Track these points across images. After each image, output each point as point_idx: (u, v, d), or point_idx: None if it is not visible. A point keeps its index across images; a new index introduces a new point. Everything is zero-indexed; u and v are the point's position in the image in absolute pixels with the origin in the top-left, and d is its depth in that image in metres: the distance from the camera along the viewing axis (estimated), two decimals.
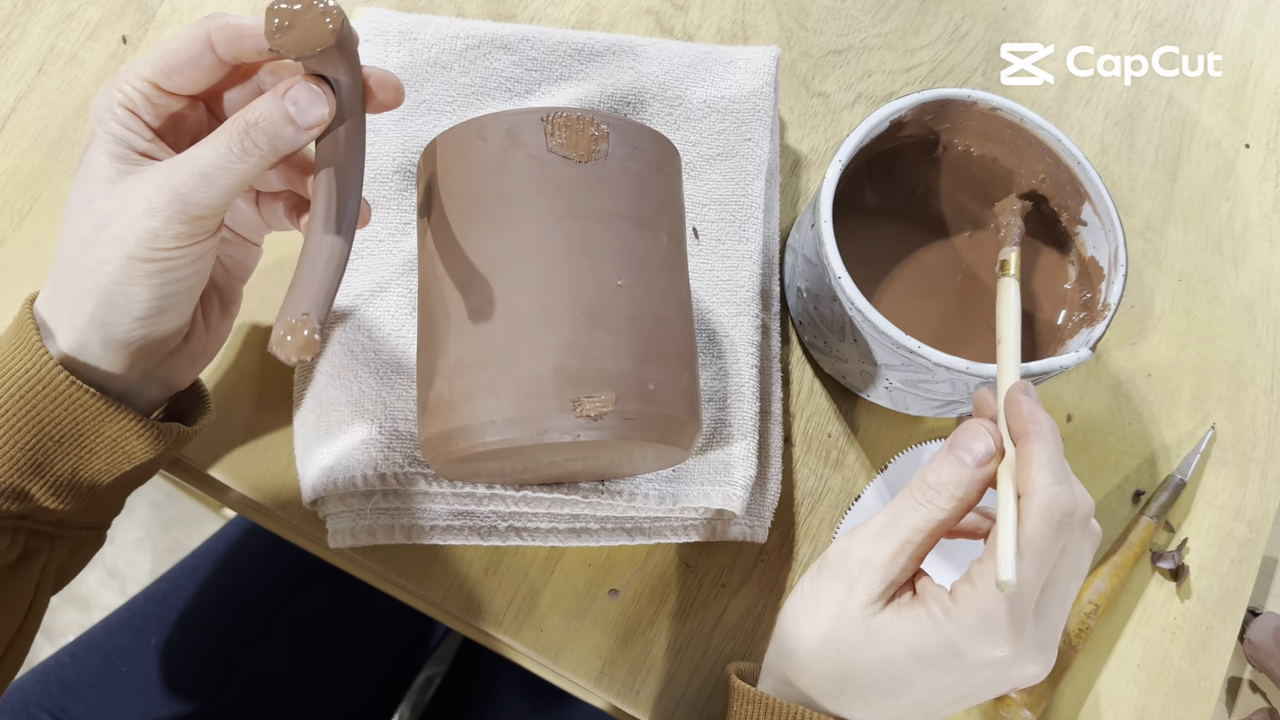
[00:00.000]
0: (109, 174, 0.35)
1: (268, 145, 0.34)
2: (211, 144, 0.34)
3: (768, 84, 0.53)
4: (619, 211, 0.37)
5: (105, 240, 0.34)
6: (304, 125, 0.34)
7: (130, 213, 0.34)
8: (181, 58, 0.36)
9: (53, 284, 0.37)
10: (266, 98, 0.34)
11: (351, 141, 0.35)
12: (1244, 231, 0.61)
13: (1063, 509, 0.34)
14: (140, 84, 0.36)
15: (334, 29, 0.32)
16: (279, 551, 0.67)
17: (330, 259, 0.34)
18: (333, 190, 0.35)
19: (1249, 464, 0.56)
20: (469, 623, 0.48)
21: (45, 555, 0.39)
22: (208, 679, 0.61)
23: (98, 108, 0.36)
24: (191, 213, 0.34)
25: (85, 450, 0.37)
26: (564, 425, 0.35)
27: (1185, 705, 0.51)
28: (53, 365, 0.35)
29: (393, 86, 0.36)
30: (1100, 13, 0.64)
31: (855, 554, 0.37)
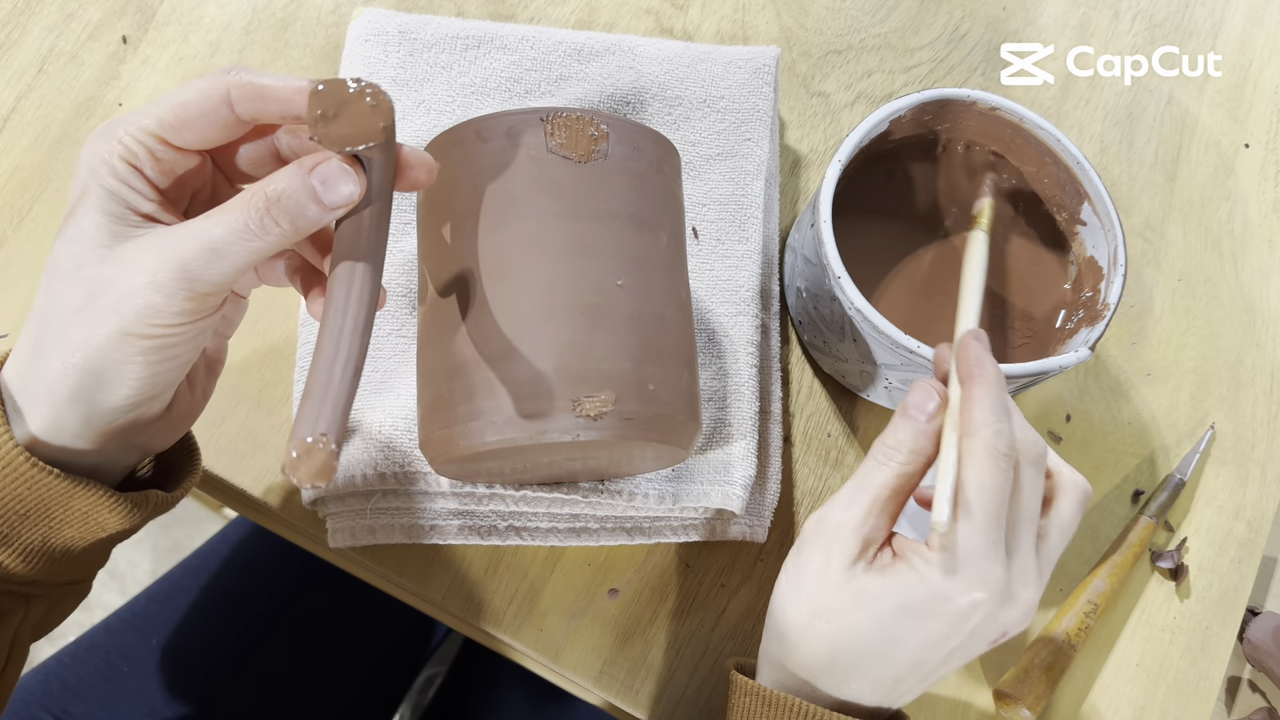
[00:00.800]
0: (104, 237, 0.31)
1: (289, 224, 0.31)
2: (226, 218, 0.31)
3: (767, 84, 0.53)
4: (619, 211, 0.37)
5: (96, 310, 0.31)
6: (330, 205, 0.31)
7: (129, 283, 0.31)
8: (194, 112, 0.32)
9: (29, 352, 0.33)
10: (291, 171, 0.31)
11: (376, 224, 0.32)
12: (1243, 231, 0.61)
13: (1004, 443, 0.35)
14: (145, 137, 0.32)
15: (385, 126, 0.30)
16: (279, 551, 0.67)
17: (347, 364, 0.30)
18: (353, 282, 0.31)
19: (1248, 463, 0.56)
20: (469, 622, 0.48)
21: (20, 615, 0.36)
22: (208, 679, 0.61)
23: (91, 159, 0.32)
24: (198, 290, 0.31)
25: (55, 521, 0.34)
26: (564, 425, 0.35)
27: (1184, 705, 0.51)
28: (13, 447, 0.32)
29: (426, 166, 0.33)
30: (1100, 12, 0.64)
31: (829, 521, 0.37)
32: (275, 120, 0.33)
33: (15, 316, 0.48)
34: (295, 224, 0.31)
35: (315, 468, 0.29)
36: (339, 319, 0.31)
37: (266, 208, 0.31)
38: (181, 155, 0.33)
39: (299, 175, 0.31)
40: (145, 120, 0.32)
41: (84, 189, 0.32)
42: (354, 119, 0.30)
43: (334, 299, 0.31)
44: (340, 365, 0.30)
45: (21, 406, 0.33)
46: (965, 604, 0.35)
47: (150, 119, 0.32)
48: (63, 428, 0.33)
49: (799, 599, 0.37)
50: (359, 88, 0.30)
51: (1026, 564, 0.36)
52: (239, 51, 0.54)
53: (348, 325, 0.31)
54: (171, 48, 0.54)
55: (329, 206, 0.31)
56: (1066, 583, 0.52)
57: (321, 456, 0.29)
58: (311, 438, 0.29)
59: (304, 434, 0.29)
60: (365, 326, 0.31)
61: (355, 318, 0.31)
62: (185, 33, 0.54)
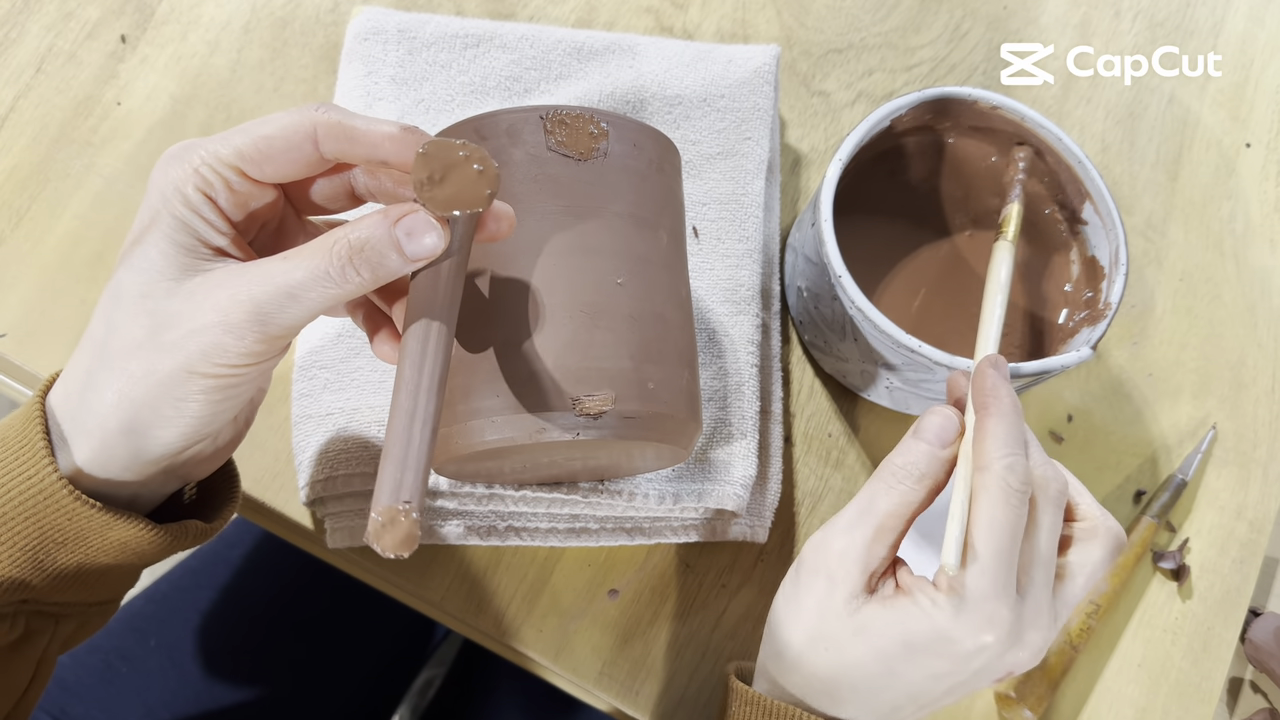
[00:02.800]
0: (172, 269, 0.31)
1: (369, 273, 0.30)
2: (306, 263, 0.30)
3: (768, 82, 0.53)
4: (619, 210, 0.37)
5: (160, 345, 0.30)
6: (412, 257, 0.30)
7: (197, 320, 0.30)
8: (277, 147, 0.31)
9: (81, 381, 0.32)
10: (375, 220, 0.30)
11: (454, 278, 0.31)
12: (1245, 231, 0.60)
13: (1018, 479, 0.34)
14: (222, 168, 0.31)
15: (490, 194, 0.30)
16: (278, 552, 0.66)
17: (425, 424, 0.30)
18: (429, 337, 0.30)
19: (1250, 464, 0.56)
20: (468, 623, 0.48)
21: (49, 634, 0.36)
22: (207, 680, 0.61)
23: (164, 184, 0.31)
24: (270, 333, 0.30)
25: (91, 549, 0.33)
26: (563, 424, 0.35)
27: (1186, 705, 0.51)
28: (56, 480, 0.31)
29: (507, 219, 0.33)
30: (1101, 12, 0.64)
31: (831, 547, 0.36)
32: (362, 163, 0.32)
33: (14, 316, 0.48)
34: (375, 273, 0.31)
35: (400, 537, 0.28)
36: (415, 375, 0.30)
37: (349, 257, 0.30)
38: (257, 188, 0.32)
39: (384, 225, 0.30)
40: (224, 150, 0.31)
41: (154, 216, 0.31)
42: (460, 185, 0.30)
43: (409, 353, 0.30)
44: (419, 426, 0.30)
45: (69, 436, 0.32)
46: (971, 646, 0.34)
47: (229, 149, 0.31)
48: (110, 461, 0.32)
49: (798, 623, 0.37)
50: (467, 154, 0.30)
51: (1039, 605, 0.35)
52: (238, 50, 0.54)
53: (424, 383, 0.30)
54: (170, 47, 0.54)
55: (411, 258, 0.31)
56: None
57: (405, 525, 0.28)
58: (396, 504, 0.28)
59: (388, 501, 0.28)
60: (441, 384, 0.30)
61: (431, 374, 0.30)
62: (184, 32, 0.54)
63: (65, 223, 0.50)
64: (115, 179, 0.51)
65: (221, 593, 0.65)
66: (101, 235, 0.50)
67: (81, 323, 0.48)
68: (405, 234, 0.30)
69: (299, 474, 0.44)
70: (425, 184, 0.30)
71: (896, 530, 0.36)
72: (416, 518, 0.28)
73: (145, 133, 0.52)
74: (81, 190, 0.50)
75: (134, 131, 0.52)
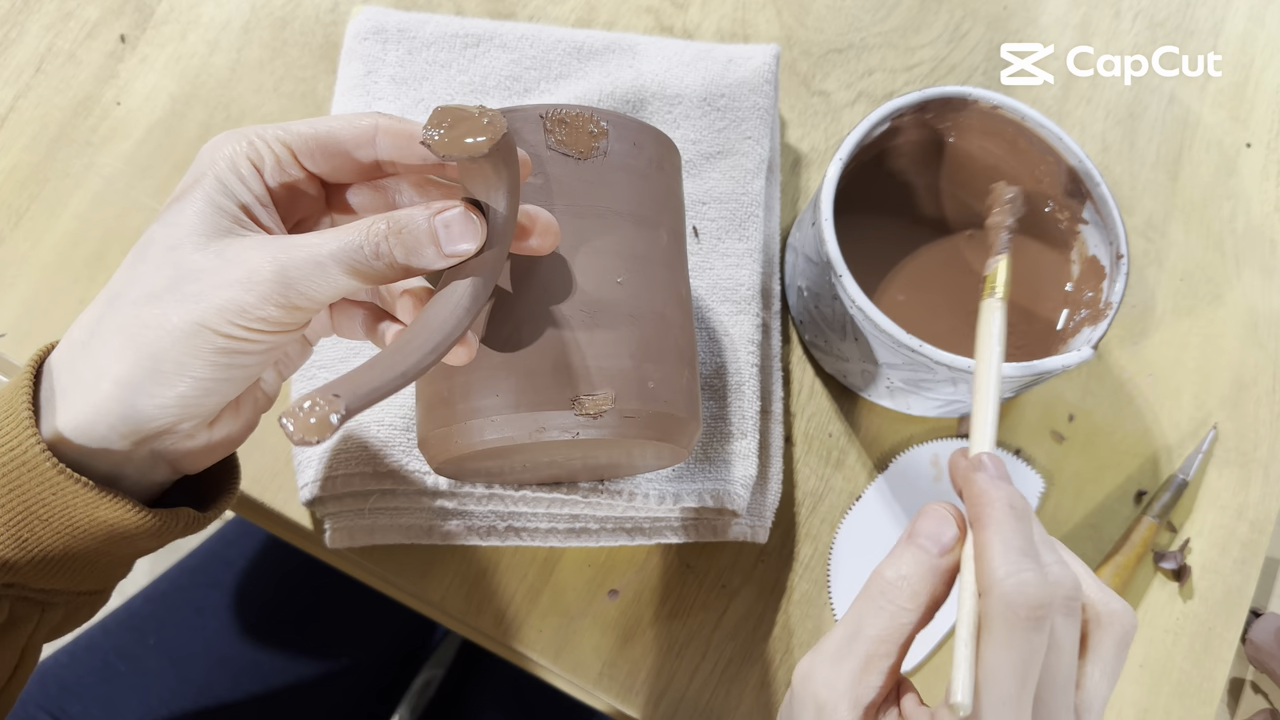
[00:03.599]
0: (206, 226, 0.30)
1: (402, 257, 0.30)
2: (339, 236, 0.30)
3: (768, 82, 0.53)
4: (619, 209, 0.37)
5: (179, 295, 0.30)
6: (446, 252, 0.31)
7: (222, 276, 0.30)
8: (338, 140, 0.32)
9: (88, 330, 0.31)
10: (417, 210, 0.31)
11: (482, 278, 0.32)
12: (1246, 231, 0.60)
13: (1027, 601, 0.29)
14: (278, 146, 0.32)
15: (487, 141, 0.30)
16: (277, 552, 0.66)
17: (394, 366, 0.30)
18: (439, 315, 0.31)
19: (1251, 464, 0.56)
20: (467, 623, 0.48)
21: (34, 621, 0.35)
22: (206, 679, 0.61)
23: (211, 152, 0.31)
24: (292, 300, 0.30)
25: (77, 529, 0.32)
26: (563, 423, 0.35)
27: (1188, 706, 0.51)
28: (38, 450, 0.30)
29: (553, 232, 0.33)
30: (1101, 11, 0.64)
31: (818, 678, 0.32)
32: (413, 163, 0.33)
33: (13, 316, 0.48)
34: (408, 259, 0.31)
35: (314, 422, 0.28)
36: (409, 335, 0.31)
37: (385, 234, 0.30)
38: (303, 177, 0.33)
39: (425, 214, 0.31)
40: (283, 134, 0.32)
41: (197, 177, 0.31)
42: (463, 130, 0.30)
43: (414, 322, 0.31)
44: (386, 363, 0.30)
45: (64, 390, 0.31)
46: None
47: (288, 132, 0.32)
48: (100, 417, 0.31)
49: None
50: (478, 111, 0.30)
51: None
52: (237, 50, 0.54)
53: (415, 342, 0.30)
54: (169, 46, 0.53)
55: (444, 253, 0.31)
56: None
57: (322, 413, 0.28)
58: (323, 397, 0.28)
59: (318, 394, 0.28)
60: (433, 350, 0.31)
61: (427, 341, 0.31)
62: (183, 31, 0.54)
63: (65, 222, 0.50)
64: (114, 178, 0.51)
65: (221, 592, 0.65)
66: (101, 235, 0.50)
67: None
68: (444, 226, 0.30)
69: (298, 474, 0.44)
70: (431, 128, 0.30)
71: (891, 657, 0.31)
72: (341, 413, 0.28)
73: (144, 132, 0.52)
74: (81, 190, 0.50)
75: (133, 131, 0.52)
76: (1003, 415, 0.54)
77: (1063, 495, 0.54)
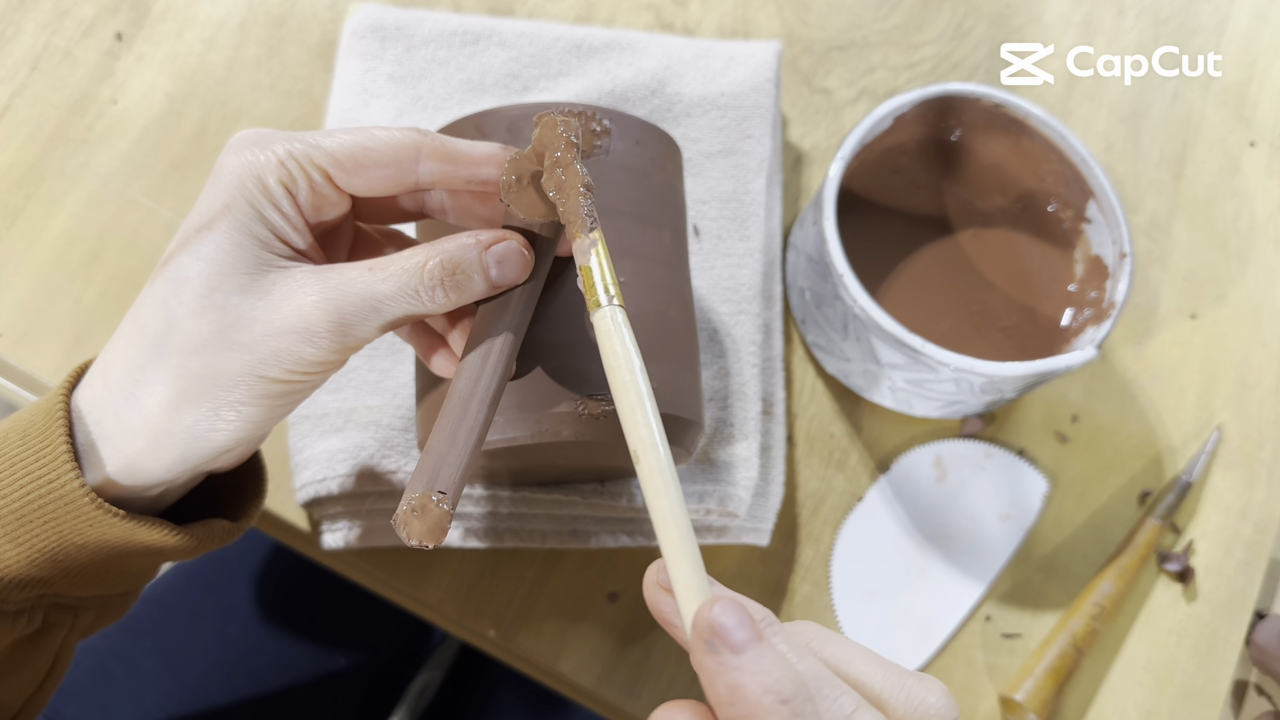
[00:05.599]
0: (247, 262, 0.29)
1: (455, 295, 0.30)
2: (395, 278, 0.29)
3: (769, 80, 0.52)
4: (620, 208, 0.37)
5: (230, 344, 0.29)
6: (496, 284, 0.31)
7: (274, 323, 0.29)
8: (376, 160, 0.30)
9: (130, 377, 0.30)
10: (467, 245, 0.30)
11: (527, 300, 0.32)
12: (1250, 230, 0.60)
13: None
14: (310, 167, 0.30)
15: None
16: (274, 554, 0.66)
17: (472, 431, 0.29)
18: (491, 352, 0.31)
19: (1255, 465, 0.55)
20: (466, 626, 0.47)
21: (68, 625, 0.35)
22: (202, 682, 0.61)
23: (241, 170, 0.29)
24: (348, 343, 0.30)
25: (114, 551, 0.32)
26: (564, 424, 0.34)
27: (1191, 708, 0.51)
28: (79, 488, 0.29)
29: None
30: (1104, 9, 0.64)
31: None
32: (458, 186, 0.32)
33: (9, 315, 0.48)
34: (460, 295, 0.30)
35: (429, 525, 0.28)
36: (470, 385, 0.30)
37: (441, 279, 0.30)
38: (336, 195, 0.31)
39: (475, 250, 0.30)
40: (315, 152, 0.30)
41: (229, 202, 0.29)
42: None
43: (469, 366, 0.30)
44: (465, 431, 0.29)
45: (110, 437, 0.30)
46: None
47: (321, 152, 0.30)
48: (155, 463, 0.30)
49: None
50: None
51: None
52: (234, 48, 0.53)
53: (478, 393, 0.30)
54: (166, 44, 0.53)
55: (495, 285, 0.31)
56: (1073, 585, 0.52)
57: (435, 514, 0.28)
58: (430, 492, 0.28)
59: (421, 489, 0.28)
60: (495, 398, 0.30)
61: (487, 388, 0.30)
62: (180, 29, 0.53)
63: (61, 221, 0.49)
64: (111, 177, 0.50)
65: (217, 595, 0.64)
66: (97, 234, 0.49)
67: (77, 322, 0.48)
68: (495, 261, 0.30)
69: (295, 475, 0.44)
70: (512, 187, 0.30)
71: None
72: (448, 509, 0.28)
73: (141, 131, 0.51)
74: (77, 189, 0.50)
75: (130, 130, 0.51)
76: (1006, 415, 0.54)
77: (1066, 496, 0.53)
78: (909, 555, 0.51)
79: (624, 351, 0.28)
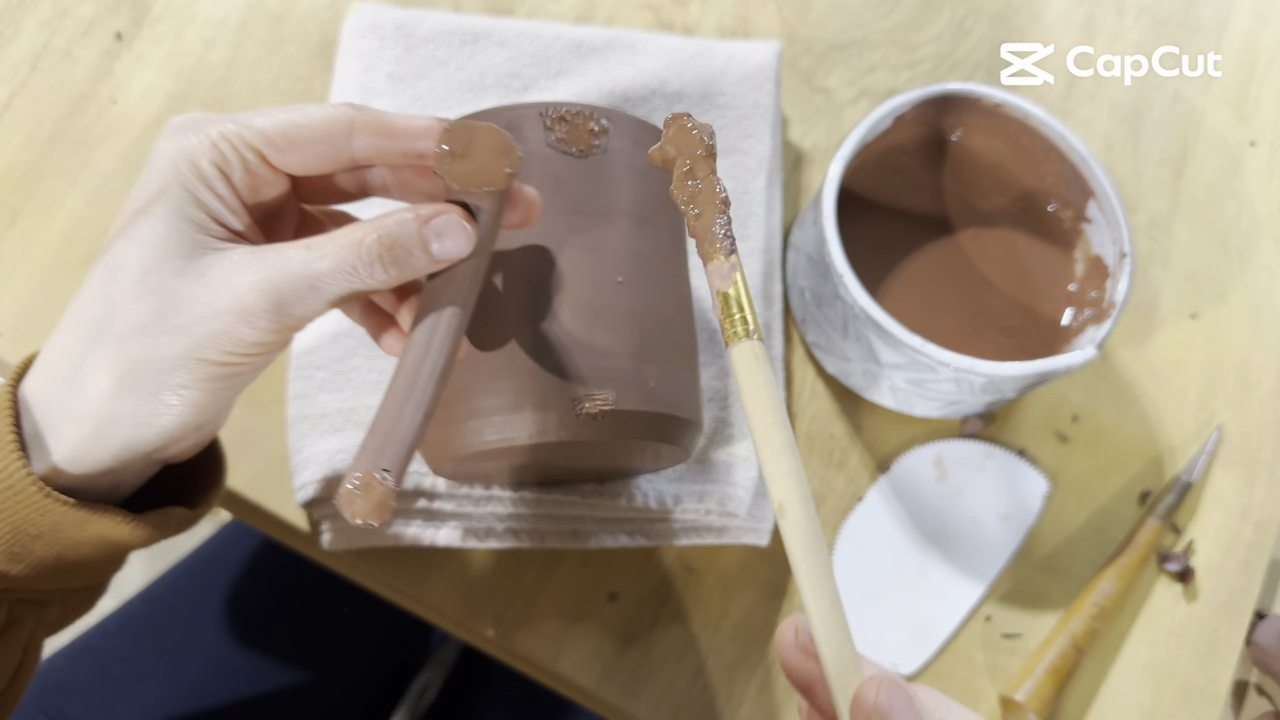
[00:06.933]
0: (182, 245, 0.29)
1: (395, 270, 0.30)
2: (332, 255, 0.29)
3: (769, 79, 0.52)
4: (619, 207, 0.37)
5: (168, 328, 0.29)
6: (438, 259, 0.30)
7: (211, 305, 0.28)
8: (309, 136, 0.30)
9: (71, 365, 0.30)
10: (405, 219, 0.30)
11: (473, 275, 0.31)
12: (1250, 230, 0.60)
13: None
14: (244, 147, 0.30)
15: (510, 174, 0.30)
16: (274, 554, 0.66)
17: (418, 409, 0.29)
18: (438, 328, 0.30)
19: (1256, 465, 0.55)
20: (466, 626, 0.47)
21: (34, 620, 0.34)
22: (203, 682, 0.61)
23: (174, 154, 0.29)
24: (286, 323, 0.29)
25: (69, 541, 0.32)
26: (563, 424, 0.34)
27: (1192, 708, 0.51)
28: (25, 476, 0.29)
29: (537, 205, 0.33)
30: (1105, 9, 0.64)
31: None
32: (394, 160, 0.32)
33: (10, 316, 0.48)
34: (400, 271, 0.30)
35: (373, 503, 0.28)
36: (417, 363, 0.30)
37: (379, 254, 0.29)
38: (272, 175, 0.31)
39: (414, 224, 0.30)
40: (247, 131, 0.30)
41: (162, 186, 0.29)
42: (481, 161, 0.30)
43: (415, 344, 0.30)
44: (411, 409, 0.29)
45: (55, 425, 0.30)
46: None
47: (253, 132, 0.30)
48: (101, 451, 0.30)
49: None
50: (489, 134, 0.30)
51: None
52: (234, 48, 0.53)
53: (424, 371, 0.30)
54: (166, 44, 0.53)
55: (437, 259, 0.30)
56: (1073, 585, 0.52)
57: (379, 492, 0.28)
58: (374, 470, 0.28)
59: (365, 467, 0.28)
60: (442, 376, 0.30)
61: (434, 365, 0.30)
62: (179, 29, 0.53)
63: (60, 221, 0.49)
64: (111, 177, 0.50)
65: (217, 595, 0.64)
66: (97, 234, 0.49)
67: None
68: (435, 235, 0.30)
69: (295, 475, 0.44)
70: (446, 158, 0.30)
71: None
72: (393, 486, 0.28)
73: (140, 130, 0.51)
74: (76, 188, 0.50)
75: (129, 129, 0.51)
76: (1006, 415, 0.54)
77: (1066, 496, 0.53)
78: (909, 555, 0.51)
79: (768, 392, 0.25)
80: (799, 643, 0.26)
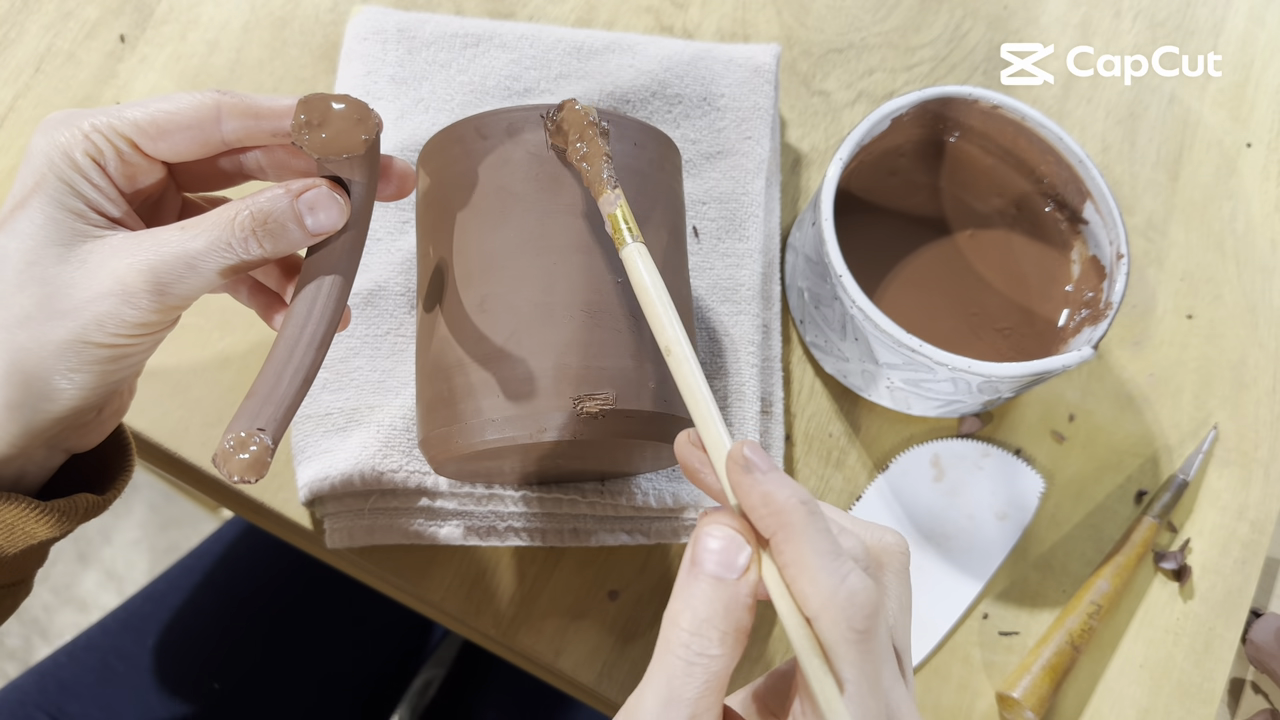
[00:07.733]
0: (61, 234, 0.30)
1: (270, 245, 0.31)
2: (205, 233, 0.30)
3: (768, 82, 0.53)
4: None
5: (52, 313, 0.29)
6: (313, 231, 0.31)
7: (92, 288, 0.29)
8: (178, 123, 0.31)
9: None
10: (277, 194, 0.31)
11: (350, 247, 0.32)
12: (1246, 231, 0.60)
13: (863, 612, 0.26)
14: (115, 137, 0.31)
15: (367, 140, 0.31)
16: (276, 552, 0.66)
17: (297, 373, 0.30)
18: (318, 298, 0.31)
19: (1251, 464, 0.56)
20: (467, 624, 0.47)
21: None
22: (204, 679, 0.61)
23: (48, 148, 0.30)
24: (168, 302, 0.30)
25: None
26: (564, 423, 0.35)
27: (1188, 706, 0.51)
28: None
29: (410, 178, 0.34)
30: (1102, 11, 0.64)
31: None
32: (265, 142, 0.32)
33: None
34: (276, 246, 0.31)
35: (249, 461, 0.29)
36: (297, 331, 0.31)
37: (252, 229, 0.30)
38: (147, 163, 0.32)
39: (285, 199, 0.31)
40: (118, 122, 0.31)
41: (39, 180, 0.30)
42: (338, 129, 0.31)
43: (296, 312, 0.31)
44: (290, 373, 0.30)
45: None
46: None
47: (124, 122, 0.31)
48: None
49: None
50: (346, 104, 0.31)
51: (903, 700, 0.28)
52: (237, 50, 0.54)
53: (304, 338, 0.31)
54: (169, 46, 0.53)
55: (311, 233, 0.31)
56: (1070, 584, 0.52)
57: (256, 451, 0.29)
58: (246, 432, 0.29)
59: (241, 427, 0.29)
60: (323, 343, 0.31)
61: (314, 333, 0.31)
62: (183, 31, 0.54)
63: None
64: None
65: (219, 593, 0.64)
66: None
67: None
68: (308, 208, 0.31)
69: (297, 474, 0.44)
70: (304, 128, 0.30)
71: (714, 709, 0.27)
72: (269, 445, 0.29)
73: None
74: None
75: None
76: (1003, 414, 0.54)
77: (1063, 495, 0.54)
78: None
79: (649, 278, 0.32)
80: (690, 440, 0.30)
